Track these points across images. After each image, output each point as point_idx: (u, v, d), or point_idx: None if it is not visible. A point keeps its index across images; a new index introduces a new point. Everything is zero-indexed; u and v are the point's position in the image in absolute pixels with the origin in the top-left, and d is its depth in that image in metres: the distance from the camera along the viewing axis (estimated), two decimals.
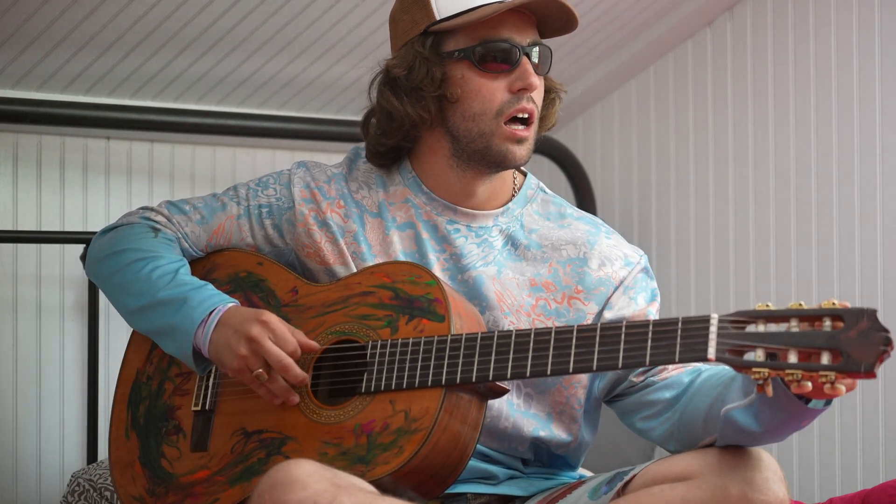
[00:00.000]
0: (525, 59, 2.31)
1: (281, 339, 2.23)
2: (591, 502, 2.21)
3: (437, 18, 2.31)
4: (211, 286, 2.33)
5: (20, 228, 3.34)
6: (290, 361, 2.21)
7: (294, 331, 2.25)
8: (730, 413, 2.09)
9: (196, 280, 2.34)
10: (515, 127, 2.32)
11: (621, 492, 2.15)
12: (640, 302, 2.36)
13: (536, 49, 2.33)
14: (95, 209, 3.43)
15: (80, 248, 3.29)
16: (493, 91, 2.31)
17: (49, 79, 3.30)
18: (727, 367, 2.21)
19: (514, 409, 2.31)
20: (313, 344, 2.25)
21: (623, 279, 2.36)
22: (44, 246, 3.36)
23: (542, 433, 2.32)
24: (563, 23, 2.36)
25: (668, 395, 2.27)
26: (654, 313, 2.37)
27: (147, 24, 3.19)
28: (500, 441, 2.32)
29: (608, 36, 3.77)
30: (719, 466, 2.05)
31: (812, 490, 3.54)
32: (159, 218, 2.44)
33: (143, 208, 2.48)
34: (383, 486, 2.12)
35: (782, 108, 3.63)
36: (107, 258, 2.42)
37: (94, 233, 3.28)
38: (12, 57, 3.19)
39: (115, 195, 3.46)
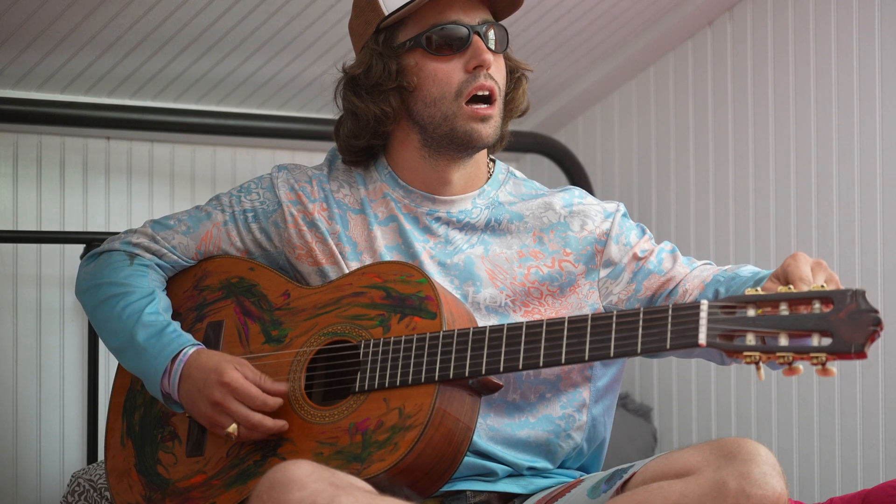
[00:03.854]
0: (476, 37, 2.35)
1: (245, 396, 2.24)
2: (591, 500, 2.21)
3: (386, 14, 2.35)
4: (172, 327, 2.35)
5: (20, 228, 3.34)
6: (258, 419, 2.24)
7: (259, 379, 2.26)
8: None
9: (160, 320, 2.36)
10: (477, 106, 2.35)
11: (620, 490, 2.16)
12: (634, 239, 2.41)
13: (488, 27, 2.36)
14: (95, 209, 3.43)
15: (79, 248, 3.29)
16: (448, 73, 2.35)
17: (49, 79, 3.30)
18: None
19: (522, 380, 2.32)
20: (280, 388, 2.26)
21: (608, 231, 2.40)
22: (44, 246, 3.36)
23: (550, 393, 2.33)
24: (509, 1, 2.39)
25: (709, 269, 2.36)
26: (650, 242, 2.41)
27: (147, 25, 3.19)
28: (510, 416, 2.32)
29: (608, 36, 3.77)
30: (717, 462, 2.05)
31: (812, 490, 3.54)
32: (140, 240, 2.46)
33: (126, 232, 2.51)
34: (379, 484, 2.12)
35: (782, 107, 3.63)
36: (89, 290, 2.45)
37: (94, 233, 3.31)
38: (12, 57, 3.19)
39: (115, 195, 3.46)
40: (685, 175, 3.85)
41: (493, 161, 2.50)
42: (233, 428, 2.24)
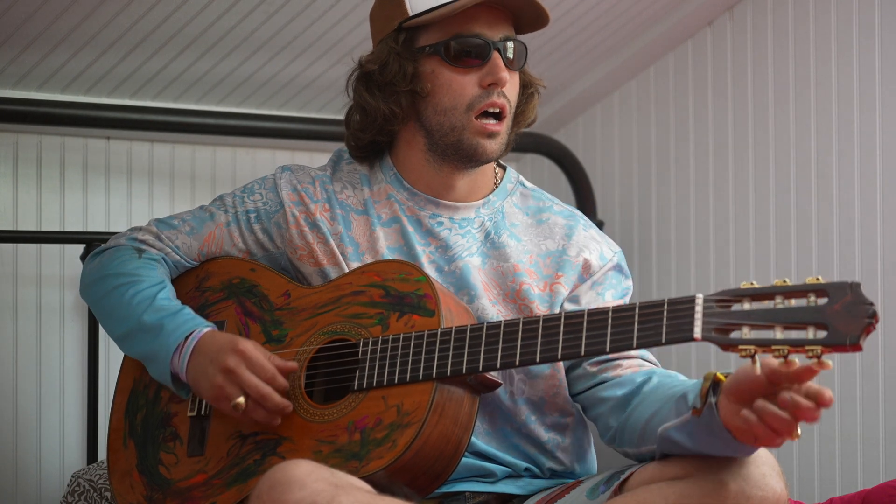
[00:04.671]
0: (496, 53, 2.34)
1: (257, 366, 2.24)
2: (590, 502, 2.21)
3: (410, 14, 2.34)
4: (187, 310, 2.35)
5: (20, 228, 3.34)
6: (268, 390, 2.23)
7: (271, 356, 2.26)
8: (667, 432, 2.09)
9: (173, 304, 2.36)
10: (486, 121, 2.35)
11: (618, 490, 2.16)
12: (608, 298, 2.39)
13: (509, 44, 2.35)
14: (95, 209, 3.44)
15: (80, 248, 3.30)
16: (463, 86, 2.34)
17: (49, 79, 3.30)
18: (675, 379, 2.22)
19: (507, 397, 2.33)
20: (291, 365, 2.26)
21: (593, 273, 2.39)
22: (44, 246, 3.36)
23: (535, 416, 2.33)
24: (534, 18, 2.38)
25: (619, 392, 2.29)
26: None
27: (147, 24, 3.19)
28: (503, 423, 2.33)
29: (608, 36, 3.77)
30: (717, 463, 2.05)
31: (812, 490, 3.53)
32: (146, 237, 2.46)
33: (131, 229, 2.51)
34: (378, 483, 2.13)
35: (782, 107, 3.63)
36: (94, 283, 2.45)
37: (94, 233, 3.31)
38: (12, 57, 3.19)
39: (115, 195, 3.47)
40: (685, 175, 3.85)
41: (504, 168, 2.49)
42: (241, 400, 2.23)
